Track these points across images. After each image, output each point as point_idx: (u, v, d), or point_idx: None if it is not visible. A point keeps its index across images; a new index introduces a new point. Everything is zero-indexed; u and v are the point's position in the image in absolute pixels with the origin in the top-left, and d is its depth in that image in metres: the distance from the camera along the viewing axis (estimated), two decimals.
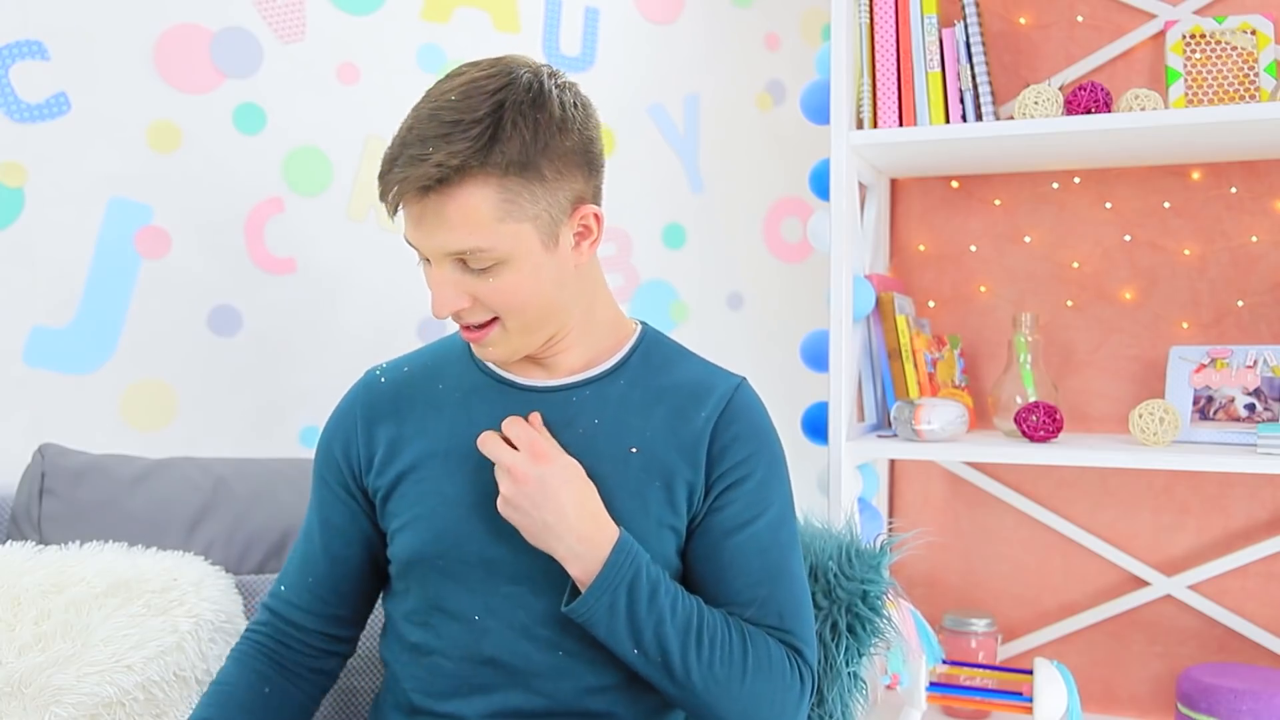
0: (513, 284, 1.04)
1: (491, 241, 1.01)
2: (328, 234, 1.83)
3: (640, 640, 1.04)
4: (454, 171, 0.99)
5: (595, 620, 1.04)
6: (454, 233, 1.01)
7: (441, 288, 1.05)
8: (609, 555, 1.03)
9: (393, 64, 1.89)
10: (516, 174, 1.01)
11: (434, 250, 1.04)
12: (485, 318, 1.07)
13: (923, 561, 2.13)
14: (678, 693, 1.07)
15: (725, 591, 1.10)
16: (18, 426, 1.58)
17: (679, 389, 1.14)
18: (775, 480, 1.14)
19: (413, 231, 1.05)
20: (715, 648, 1.06)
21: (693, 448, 1.11)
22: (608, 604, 1.03)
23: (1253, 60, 1.85)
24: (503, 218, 1.01)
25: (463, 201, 1.00)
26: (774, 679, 1.08)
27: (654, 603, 1.04)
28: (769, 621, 1.11)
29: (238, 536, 1.46)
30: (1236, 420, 1.80)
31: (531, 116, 1.01)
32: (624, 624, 1.04)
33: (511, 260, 1.03)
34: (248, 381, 1.76)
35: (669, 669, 1.05)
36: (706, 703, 1.07)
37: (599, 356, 1.16)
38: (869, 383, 2.00)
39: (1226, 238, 1.95)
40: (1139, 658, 2.00)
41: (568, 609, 1.04)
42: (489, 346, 1.09)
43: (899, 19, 1.87)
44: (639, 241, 2.16)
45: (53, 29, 1.60)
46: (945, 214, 2.13)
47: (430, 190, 1.00)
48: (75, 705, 1.18)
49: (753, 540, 1.11)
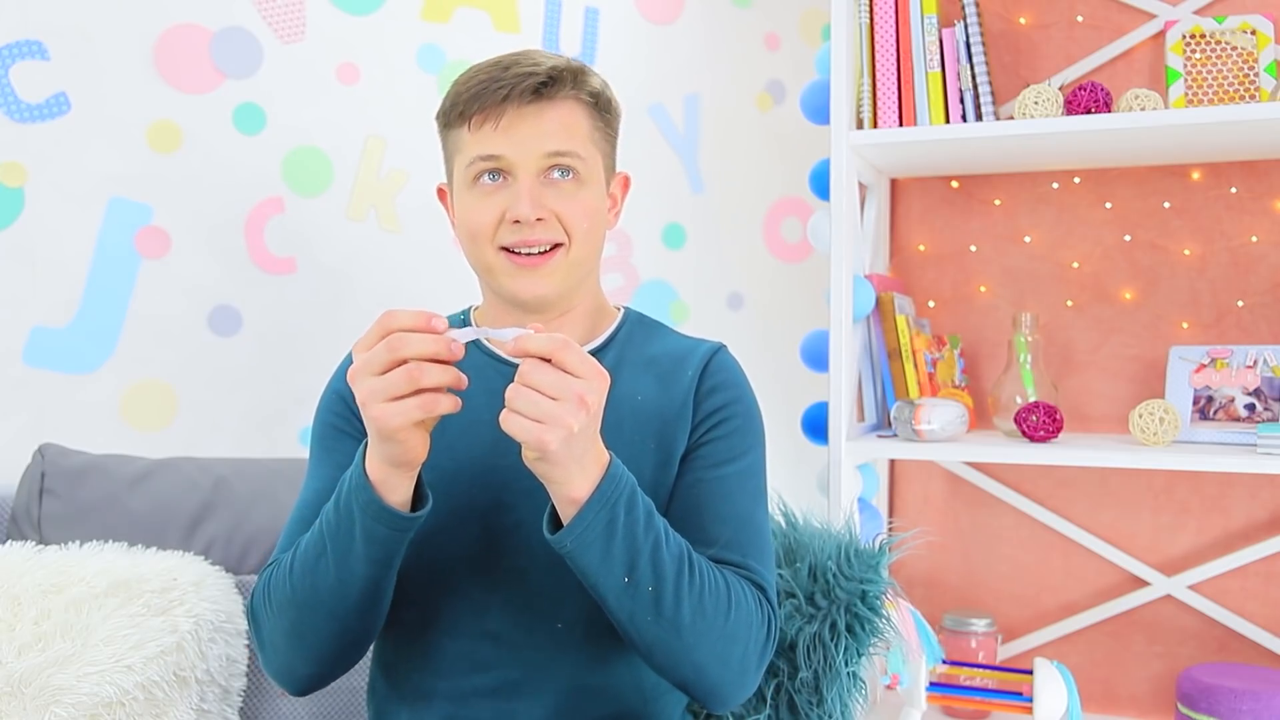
0: (588, 203, 1.12)
1: (586, 150, 1.11)
2: (328, 234, 1.83)
3: (635, 564, 0.97)
4: (564, 83, 1.09)
5: (590, 539, 0.95)
6: (555, 133, 1.09)
7: (532, 192, 1.08)
8: (606, 469, 0.97)
9: (393, 64, 1.89)
10: (600, 109, 1.13)
11: (531, 153, 1.08)
12: (554, 238, 1.10)
13: (923, 561, 2.13)
14: (659, 632, 1.00)
15: (693, 526, 1.09)
16: (18, 426, 1.58)
17: (664, 357, 1.18)
18: (749, 433, 1.16)
19: (504, 139, 1.08)
20: (705, 580, 1.02)
21: (683, 401, 1.15)
22: (606, 519, 0.95)
23: (1253, 60, 1.85)
24: (592, 138, 1.12)
25: (566, 110, 1.10)
26: (748, 619, 1.06)
27: (651, 523, 0.99)
28: (732, 559, 1.09)
29: (238, 536, 1.46)
30: (1236, 420, 1.80)
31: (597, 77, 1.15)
32: (621, 543, 0.96)
33: (590, 181, 1.12)
34: (248, 381, 1.76)
35: (659, 600, 0.98)
36: (688, 643, 1.01)
37: (590, 335, 1.19)
38: (869, 383, 2.00)
39: (1226, 238, 1.95)
40: (1139, 658, 2.00)
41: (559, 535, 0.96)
42: (545, 276, 1.11)
43: (899, 19, 1.87)
44: (639, 241, 2.16)
45: (53, 29, 1.60)
46: (945, 214, 2.13)
47: (541, 95, 1.08)
48: (75, 705, 1.18)
49: (722, 482, 1.12)
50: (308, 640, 1.06)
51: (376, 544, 0.99)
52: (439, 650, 1.12)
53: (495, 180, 1.09)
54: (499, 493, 1.08)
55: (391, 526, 0.98)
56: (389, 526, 0.98)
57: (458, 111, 1.10)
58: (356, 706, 1.47)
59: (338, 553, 1.00)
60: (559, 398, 0.90)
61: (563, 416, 0.90)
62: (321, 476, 1.15)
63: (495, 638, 1.10)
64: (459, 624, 1.11)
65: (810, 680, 1.28)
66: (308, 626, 1.04)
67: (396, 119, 1.89)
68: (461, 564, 1.10)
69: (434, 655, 1.12)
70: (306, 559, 1.03)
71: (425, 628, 1.12)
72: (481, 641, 1.11)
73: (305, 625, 1.04)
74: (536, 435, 0.90)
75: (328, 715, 1.46)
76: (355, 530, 0.98)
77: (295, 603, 1.04)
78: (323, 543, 1.01)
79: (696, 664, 1.03)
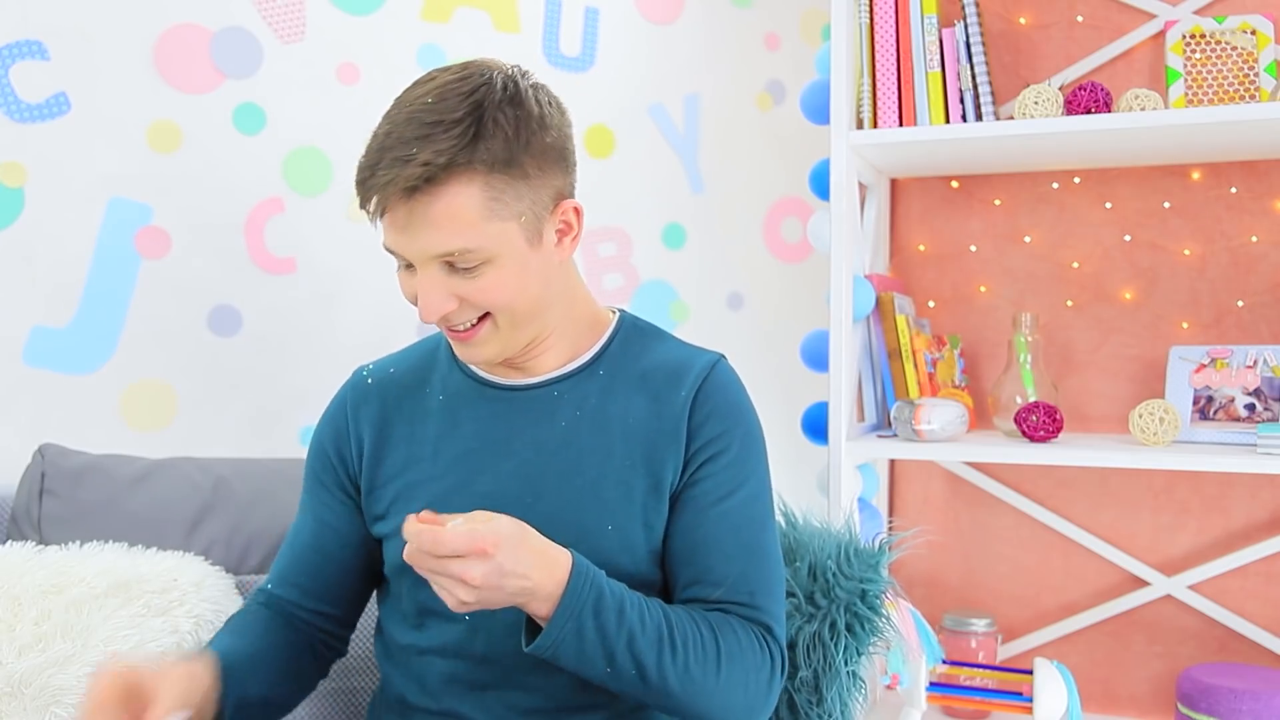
0: (500, 282, 1.04)
1: (479, 241, 1.01)
2: (328, 234, 1.83)
3: (613, 656, 1.00)
4: (440, 170, 0.98)
5: (563, 648, 0.99)
6: (440, 233, 1.01)
7: (429, 292, 1.04)
8: (567, 581, 0.99)
9: (393, 64, 1.89)
10: (501, 171, 1.01)
11: (420, 254, 1.03)
12: (474, 317, 1.07)
13: (923, 561, 2.13)
14: (652, 698, 1.04)
15: (699, 567, 1.10)
16: (18, 426, 1.58)
17: (657, 372, 1.15)
18: (751, 457, 1.14)
19: (396, 237, 1.03)
20: (689, 650, 1.03)
21: (674, 428, 1.12)
22: (575, 629, 0.98)
23: (1253, 60, 1.85)
24: (489, 216, 1.01)
25: (449, 201, 1.00)
26: (746, 664, 1.07)
27: (622, 619, 1.01)
28: (740, 599, 1.10)
29: (238, 536, 1.46)
30: (1236, 420, 1.80)
31: (511, 114, 1.02)
32: (594, 644, 0.99)
33: (498, 259, 1.03)
34: (248, 381, 1.76)
35: (644, 680, 1.02)
36: (682, 701, 1.04)
37: (578, 350, 1.17)
38: (869, 383, 2.00)
39: (1226, 238, 1.95)
40: (1139, 658, 2.00)
41: (532, 647, 0.99)
42: (478, 346, 1.09)
43: (899, 19, 1.87)
44: (639, 241, 2.16)
45: (53, 29, 1.60)
46: (945, 214, 2.13)
47: (416, 191, 0.99)
48: (75, 705, 1.18)
49: (727, 516, 1.11)
50: None
51: None
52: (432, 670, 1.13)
53: (410, 267, 1.07)
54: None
55: None
56: None
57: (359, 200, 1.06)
58: (356, 708, 1.47)
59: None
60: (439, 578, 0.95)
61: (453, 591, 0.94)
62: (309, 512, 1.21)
63: (487, 660, 1.10)
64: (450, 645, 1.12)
65: (810, 679, 1.28)
66: None
67: None
68: None
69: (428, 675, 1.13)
70: None
71: (419, 649, 1.13)
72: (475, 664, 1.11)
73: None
74: (451, 603, 0.95)
75: (328, 714, 1.46)
76: None
77: None
78: None
79: (699, 712, 1.06)
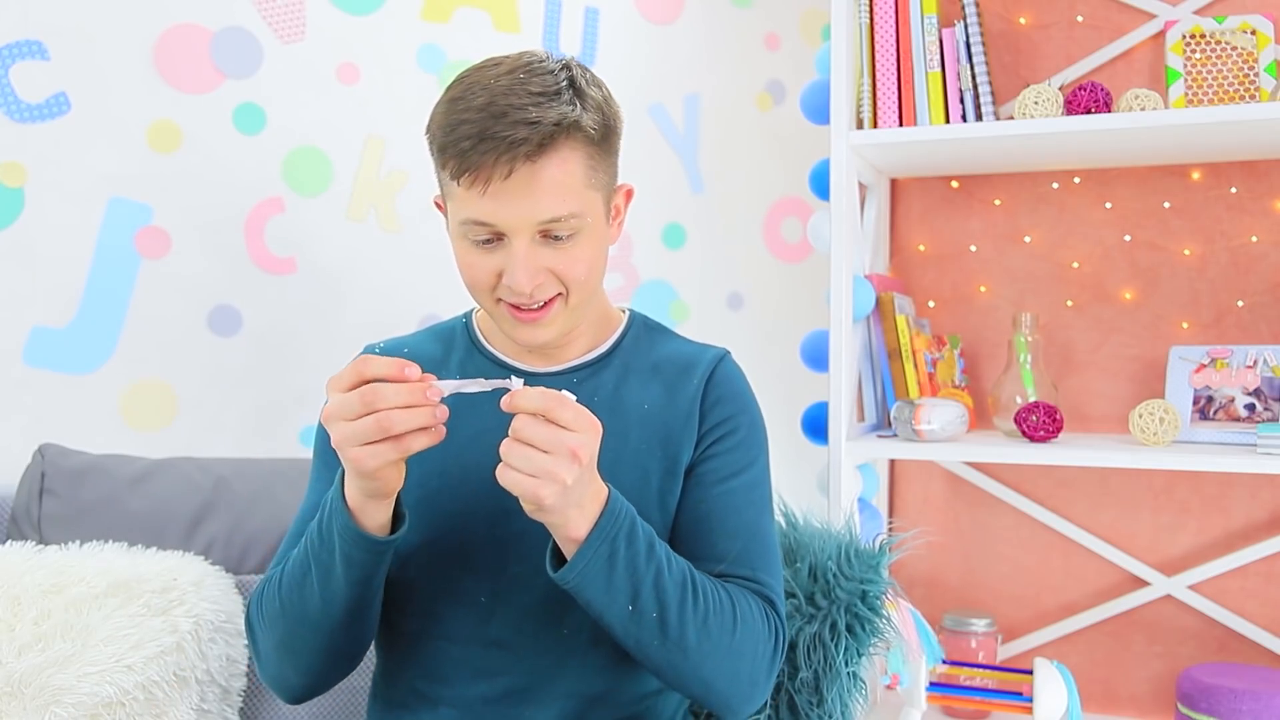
0: (585, 254, 1.05)
1: (581, 207, 1.03)
2: (328, 234, 1.83)
3: (639, 593, 0.99)
4: (562, 133, 0.99)
5: (592, 574, 0.97)
6: (550, 198, 1.00)
7: (528, 262, 1.02)
8: (604, 505, 0.98)
9: (393, 64, 1.89)
10: (599, 141, 1.04)
11: (524, 220, 1.01)
12: (555, 292, 1.06)
13: (923, 561, 2.13)
14: (666, 654, 1.02)
15: (702, 543, 1.12)
16: (18, 426, 1.58)
17: (669, 364, 1.18)
18: (755, 444, 1.17)
19: (495, 206, 1.00)
20: (709, 601, 1.03)
21: (688, 412, 1.15)
22: (607, 554, 0.97)
23: (1253, 60, 1.85)
24: (588, 184, 1.03)
25: (560, 165, 1.00)
26: (755, 632, 1.08)
27: (652, 552, 1.00)
28: (741, 573, 1.11)
29: (238, 536, 1.46)
30: (1236, 420, 1.80)
31: (596, 91, 1.05)
32: (623, 575, 0.98)
33: (588, 230, 1.05)
34: (248, 381, 1.76)
35: (664, 625, 1.00)
36: (694, 662, 1.03)
37: (596, 342, 1.20)
38: (869, 383, 2.00)
39: (1226, 238, 1.95)
40: (1139, 658, 2.00)
41: (561, 571, 0.98)
42: (546, 326, 1.08)
43: (899, 19, 1.87)
44: (639, 241, 2.16)
45: (53, 29, 1.60)
46: (945, 214, 2.13)
47: (533, 155, 0.98)
48: (75, 705, 1.18)
49: (730, 495, 1.13)
50: (297, 653, 1.08)
51: (355, 566, 1.01)
52: (443, 657, 1.12)
53: (489, 242, 1.04)
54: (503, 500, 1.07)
55: (368, 551, 1.00)
56: (365, 551, 1.00)
57: (444, 160, 1.02)
58: (357, 708, 1.47)
59: (320, 573, 1.03)
60: (552, 452, 0.91)
61: (556, 471, 0.91)
62: (318, 493, 1.16)
63: (500, 644, 1.11)
64: (464, 631, 1.11)
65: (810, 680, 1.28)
66: (297, 641, 1.07)
67: (396, 119, 1.89)
68: (466, 571, 1.10)
69: (438, 662, 1.12)
70: (293, 577, 1.05)
71: (429, 635, 1.12)
72: (487, 648, 1.11)
73: (294, 639, 1.07)
74: (531, 490, 0.91)
75: (328, 714, 1.46)
76: (335, 553, 1.01)
77: (284, 618, 1.06)
78: (307, 563, 1.04)
79: (705, 680, 1.05)
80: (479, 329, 1.22)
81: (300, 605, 1.05)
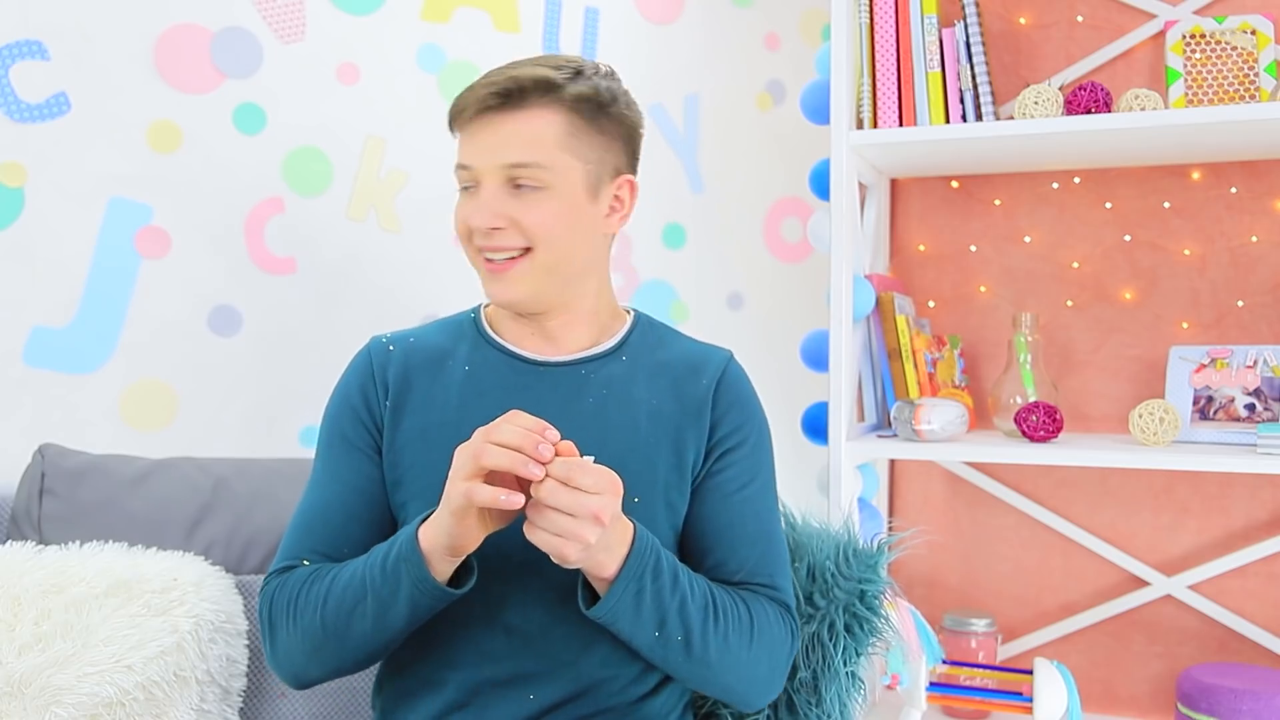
0: (552, 211, 1.12)
1: (548, 160, 1.10)
2: (328, 234, 1.83)
3: (665, 621, 1.05)
4: (535, 87, 1.10)
5: (622, 609, 1.04)
6: (516, 145, 1.10)
7: (488, 203, 1.11)
8: (631, 545, 1.04)
9: (393, 64, 1.89)
10: (583, 115, 1.12)
11: (491, 163, 1.10)
12: (518, 244, 1.12)
13: (923, 561, 2.13)
14: (689, 668, 1.09)
15: (724, 551, 1.17)
16: (18, 426, 1.58)
17: (676, 363, 1.23)
18: (764, 448, 1.24)
19: (472, 148, 1.12)
20: (729, 620, 1.09)
21: (698, 410, 1.19)
22: (635, 590, 1.03)
23: (1253, 60, 1.85)
24: (562, 148, 1.11)
25: (533, 119, 1.10)
26: (772, 639, 1.14)
27: (676, 583, 1.06)
28: (761, 580, 1.17)
29: (238, 536, 1.46)
30: (1236, 420, 1.80)
31: (605, 83, 1.16)
32: (650, 607, 1.04)
33: (557, 190, 1.12)
34: (248, 381, 1.76)
35: (688, 647, 1.07)
36: (717, 673, 1.10)
37: (603, 335, 1.23)
38: (869, 383, 2.00)
39: (1226, 238, 1.95)
40: (1139, 658, 2.00)
41: (594, 609, 1.04)
42: (512, 283, 1.13)
43: (899, 19, 1.87)
44: (639, 241, 2.16)
45: (53, 29, 1.60)
46: (945, 214, 2.13)
47: (507, 101, 1.09)
48: (75, 705, 1.18)
49: (748, 503, 1.18)
50: (328, 660, 1.11)
51: (419, 610, 1.05)
52: (451, 642, 1.13)
53: (470, 188, 1.14)
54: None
55: (437, 599, 1.04)
56: (434, 599, 1.04)
57: (451, 115, 1.15)
58: (358, 705, 1.47)
59: (378, 607, 1.05)
60: (575, 515, 0.96)
61: (580, 532, 0.97)
62: (328, 488, 1.18)
63: (509, 630, 1.12)
64: (473, 616, 1.13)
65: (809, 680, 1.28)
66: (331, 651, 1.10)
67: (396, 119, 1.89)
68: (482, 559, 1.11)
69: (446, 647, 1.14)
70: (343, 602, 1.07)
71: (438, 620, 1.13)
72: (495, 633, 1.13)
73: (329, 650, 1.10)
74: (558, 548, 0.98)
75: (329, 715, 1.46)
76: (399, 595, 1.04)
77: (324, 633, 1.09)
78: (361, 593, 1.06)
79: (726, 685, 1.13)
80: (487, 321, 1.24)
81: (345, 628, 1.08)
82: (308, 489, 1.20)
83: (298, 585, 1.12)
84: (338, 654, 1.10)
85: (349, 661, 1.11)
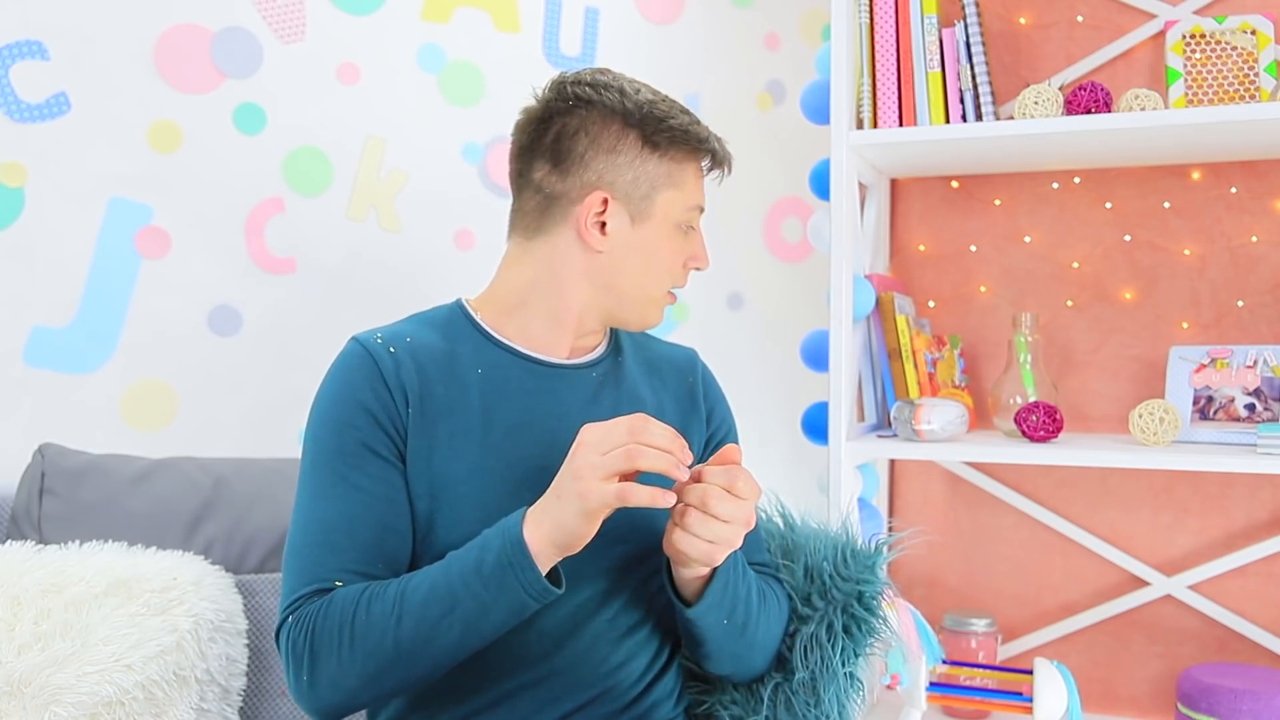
0: None
1: None
2: (328, 234, 1.84)
3: (734, 609, 1.11)
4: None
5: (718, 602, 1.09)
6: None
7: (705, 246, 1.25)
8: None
9: (393, 64, 1.89)
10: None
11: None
12: None
13: (922, 561, 2.13)
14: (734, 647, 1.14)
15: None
16: (18, 426, 1.58)
17: (661, 361, 1.30)
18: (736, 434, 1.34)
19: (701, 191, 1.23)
20: (769, 601, 1.18)
21: (693, 405, 1.27)
22: (723, 583, 1.09)
23: (1253, 60, 1.84)
24: None
25: None
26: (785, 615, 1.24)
27: (746, 572, 1.14)
28: (759, 559, 1.26)
29: (238, 536, 1.46)
30: (1236, 420, 1.80)
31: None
32: (730, 598, 1.10)
33: None
34: (248, 381, 1.76)
35: (744, 630, 1.13)
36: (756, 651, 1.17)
37: (600, 337, 1.27)
38: (869, 383, 2.00)
39: (1226, 238, 1.94)
40: (1139, 658, 1.99)
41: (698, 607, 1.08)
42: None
43: (899, 19, 1.87)
44: None
45: (53, 29, 1.60)
46: (945, 214, 2.13)
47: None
48: (75, 705, 1.19)
49: None
50: (392, 681, 1.04)
51: (520, 614, 1.02)
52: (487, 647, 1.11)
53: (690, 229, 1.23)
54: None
55: (542, 601, 1.02)
56: (542, 601, 1.02)
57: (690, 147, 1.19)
58: None
59: (471, 615, 1.00)
60: (732, 522, 1.00)
61: (733, 539, 1.01)
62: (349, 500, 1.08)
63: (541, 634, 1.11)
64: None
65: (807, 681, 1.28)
66: (402, 670, 1.03)
67: (396, 119, 1.89)
68: None
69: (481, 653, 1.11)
70: (424, 617, 1.00)
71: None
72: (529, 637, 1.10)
73: (399, 670, 1.03)
74: (708, 554, 1.01)
75: None
76: (502, 600, 1.00)
77: (396, 651, 1.01)
78: (450, 604, 1.00)
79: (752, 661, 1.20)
80: (481, 319, 1.20)
81: (426, 643, 1.01)
82: (311, 504, 1.10)
83: (349, 607, 1.02)
84: (408, 672, 1.03)
85: (415, 679, 1.04)
